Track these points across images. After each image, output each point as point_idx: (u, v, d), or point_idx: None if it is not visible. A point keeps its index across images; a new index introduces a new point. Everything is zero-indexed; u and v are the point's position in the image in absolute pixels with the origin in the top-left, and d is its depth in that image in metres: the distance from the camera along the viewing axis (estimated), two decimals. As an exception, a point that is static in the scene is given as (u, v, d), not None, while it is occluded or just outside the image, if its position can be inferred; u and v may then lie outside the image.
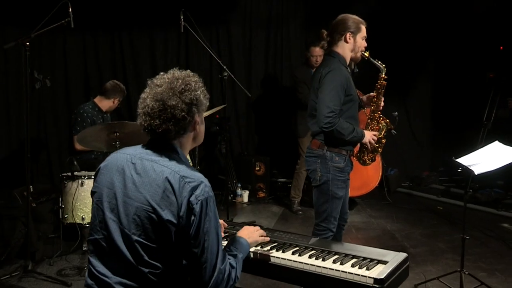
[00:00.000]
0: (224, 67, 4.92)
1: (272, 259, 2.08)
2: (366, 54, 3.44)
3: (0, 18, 5.84)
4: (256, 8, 7.13)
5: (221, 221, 2.31)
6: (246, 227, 2.16)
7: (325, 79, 3.22)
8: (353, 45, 3.35)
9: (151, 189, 1.70)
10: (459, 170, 3.54)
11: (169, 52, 6.94)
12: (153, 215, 1.67)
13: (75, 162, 4.15)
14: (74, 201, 4.09)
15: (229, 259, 1.87)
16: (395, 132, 3.59)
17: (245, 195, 6.38)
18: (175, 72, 1.88)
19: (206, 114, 4.85)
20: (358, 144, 3.47)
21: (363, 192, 5.89)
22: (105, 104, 4.98)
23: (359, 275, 1.89)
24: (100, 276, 1.73)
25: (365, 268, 1.94)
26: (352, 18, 3.37)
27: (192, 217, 1.67)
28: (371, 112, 3.54)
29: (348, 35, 3.31)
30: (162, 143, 1.81)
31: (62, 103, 6.58)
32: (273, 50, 7.21)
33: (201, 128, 1.91)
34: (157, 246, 1.69)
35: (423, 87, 7.63)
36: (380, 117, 3.52)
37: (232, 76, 5.00)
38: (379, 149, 3.54)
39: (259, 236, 2.13)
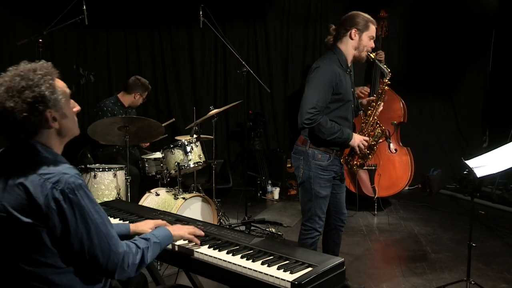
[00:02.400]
0: (243, 62, 4.88)
1: (204, 257, 2.04)
2: (372, 55, 3.31)
3: (16, 15, 6.03)
4: (294, 3, 7.04)
5: (157, 221, 2.26)
6: (175, 225, 2.14)
7: (312, 75, 3.15)
8: (358, 43, 3.22)
9: (8, 196, 1.63)
10: (464, 172, 3.27)
11: (206, 47, 7.03)
12: (14, 222, 1.61)
13: (88, 155, 4.31)
14: (87, 193, 4.23)
15: (135, 240, 1.87)
16: (390, 141, 3.43)
17: (276, 192, 6.32)
18: (20, 67, 1.71)
19: (221, 109, 4.86)
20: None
21: (391, 193, 5.65)
22: (127, 99, 5.12)
23: (279, 278, 1.81)
24: None
25: (289, 271, 1.85)
26: (362, 15, 3.26)
27: (63, 213, 1.61)
28: (367, 117, 3.41)
29: (353, 31, 3.20)
30: (19, 144, 1.71)
31: (105, 98, 6.87)
32: (311, 46, 7.09)
33: (64, 122, 1.76)
34: (30, 252, 1.63)
35: (473, 82, 7.16)
36: (376, 123, 3.38)
37: (252, 71, 4.95)
38: (370, 156, 3.38)
39: (188, 234, 2.07)
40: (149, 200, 4.31)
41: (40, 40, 3.95)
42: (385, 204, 5.95)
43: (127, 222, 2.47)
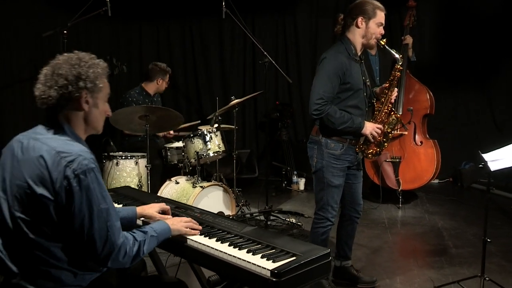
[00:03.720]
0: (265, 53, 4.90)
1: (194, 244, 2.09)
2: (382, 42, 3.25)
3: (42, 5, 6.09)
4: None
5: (163, 205, 2.36)
6: (175, 218, 2.21)
7: (320, 66, 3.19)
8: (365, 30, 3.19)
9: (29, 167, 1.78)
10: (480, 166, 3.19)
11: (236, 39, 7.08)
12: (29, 191, 1.76)
13: (111, 143, 4.45)
14: (110, 180, 4.38)
15: (134, 232, 1.94)
16: (407, 129, 3.37)
17: (301, 183, 6.32)
18: (80, 53, 1.93)
19: (241, 100, 4.89)
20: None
21: (416, 186, 5.54)
22: (151, 87, 5.24)
23: (260, 266, 1.83)
24: None
25: (271, 260, 1.87)
26: (370, 2, 3.22)
27: (71, 191, 1.73)
28: (380, 104, 3.35)
29: (360, 19, 3.17)
30: (50, 119, 1.88)
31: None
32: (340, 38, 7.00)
33: (94, 112, 1.92)
34: (38, 222, 1.75)
35: (510, 71, 6.86)
36: (391, 110, 3.32)
37: (274, 62, 4.96)
38: (385, 144, 3.33)
39: (185, 228, 2.13)
40: (169, 188, 4.41)
41: (65, 32, 4.08)
42: (411, 197, 5.86)
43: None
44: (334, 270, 3.64)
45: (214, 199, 4.34)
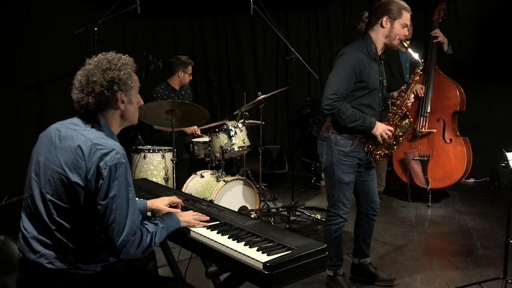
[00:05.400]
0: (292, 49, 4.93)
1: (195, 235, 2.15)
2: (406, 44, 3.21)
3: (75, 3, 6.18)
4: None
5: (173, 198, 2.44)
6: (183, 212, 2.30)
7: (337, 62, 3.19)
8: (389, 31, 3.16)
9: (66, 154, 1.91)
10: (503, 165, 3.10)
11: (268, 35, 7.10)
12: (63, 177, 1.88)
13: (139, 137, 4.57)
14: (137, 172, 4.51)
15: (146, 224, 2.02)
16: (420, 133, 3.31)
17: (331, 179, 6.28)
18: (108, 54, 2.06)
19: (267, 95, 4.91)
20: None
21: (445, 184, 5.40)
22: (175, 81, 5.35)
23: (254, 258, 1.86)
24: (23, 230, 2.00)
25: (266, 253, 1.90)
26: (396, 2, 3.18)
27: (101, 181, 1.85)
28: (394, 106, 3.30)
29: (385, 19, 3.14)
30: (88, 115, 2.02)
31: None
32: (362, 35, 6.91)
33: (129, 108, 2.07)
34: (67, 206, 1.89)
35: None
36: (405, 114, 3.27)
37: (300, 58, 4.97)
38: (395, 147, 3.28)
39: (193, 220, 2.21)
40: (194, 181, 4.50)
41: (96, 29, 4.20)
42: (443, 196, 5.73)
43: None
44: (352, 267, 3.63)
45: (237, 193, 4.40)
